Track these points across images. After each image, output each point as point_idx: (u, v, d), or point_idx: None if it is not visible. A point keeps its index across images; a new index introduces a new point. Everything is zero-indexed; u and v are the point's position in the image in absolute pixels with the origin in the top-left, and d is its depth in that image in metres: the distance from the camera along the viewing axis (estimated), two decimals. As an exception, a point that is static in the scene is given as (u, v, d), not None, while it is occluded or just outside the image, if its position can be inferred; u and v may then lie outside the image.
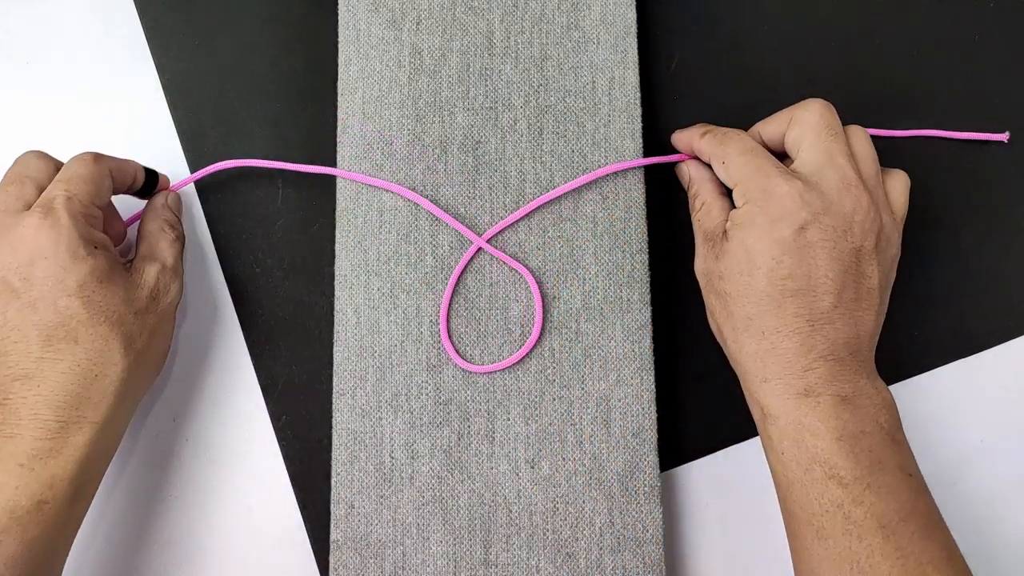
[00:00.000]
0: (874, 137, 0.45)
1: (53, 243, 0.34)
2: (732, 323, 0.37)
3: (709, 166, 0.40)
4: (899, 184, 0.39)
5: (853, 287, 0.36)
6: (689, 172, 0.42)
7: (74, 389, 0.34)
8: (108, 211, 0.40)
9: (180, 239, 0.41)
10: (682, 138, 0.42)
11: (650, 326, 0.42)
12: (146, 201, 0.42)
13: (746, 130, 0.41)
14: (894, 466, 0.35)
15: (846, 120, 0.39)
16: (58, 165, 0.38)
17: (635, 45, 0.44)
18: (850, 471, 0.34)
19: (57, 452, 0.34)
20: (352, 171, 0.42)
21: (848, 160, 0.37)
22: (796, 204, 0.35)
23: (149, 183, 0.41)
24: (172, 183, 0.44)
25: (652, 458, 0.41)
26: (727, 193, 0.40)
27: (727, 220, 0.38)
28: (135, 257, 0.39)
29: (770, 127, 0.39)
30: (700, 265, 0.40)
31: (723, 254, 0.37)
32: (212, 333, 0.44)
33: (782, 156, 0.39)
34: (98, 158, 0.38)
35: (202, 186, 0.45)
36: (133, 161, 0.40)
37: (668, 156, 0.43)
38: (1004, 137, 0.46)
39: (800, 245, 0.35)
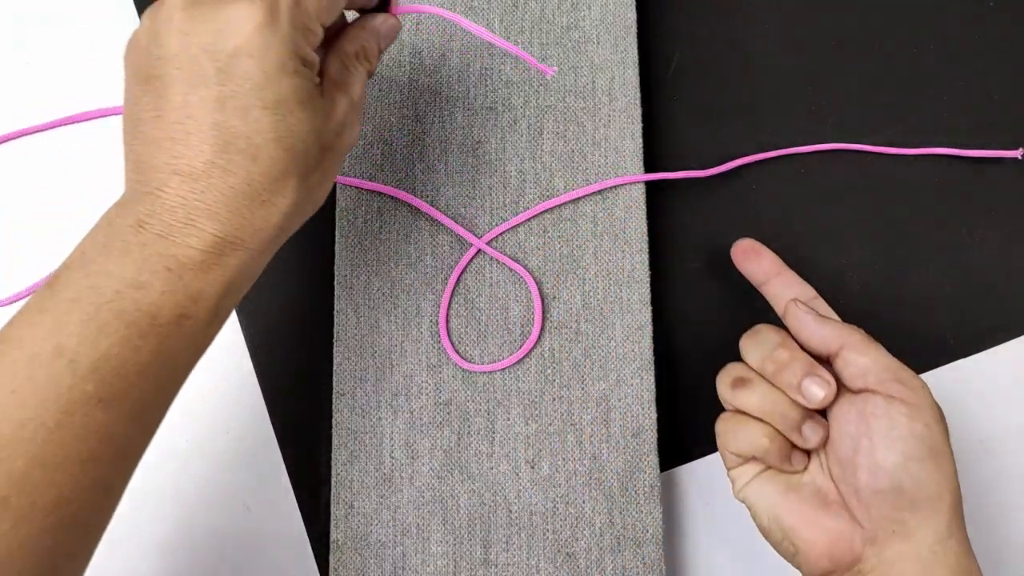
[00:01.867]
0: (885, 155, 0.45)
1: (262, 45, 0.29)
2: None
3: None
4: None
5: None
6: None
7: (239, 210, 0.30)
8: (332, 30, 0.35)
9: (370, 74, 0.36)
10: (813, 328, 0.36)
11: (650, 326, 0.42)
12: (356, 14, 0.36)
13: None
14: None
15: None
16: None
17: (635, 45, 0.44)
18: None
19: (208, 268, 0.30)
20: (352, 171, 0.42)
21: None
22: None
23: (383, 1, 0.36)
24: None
25: (652, 458, 0.41)
26: None
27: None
28: (323, 80, 0.33)
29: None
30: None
31: None
32: (212, 333, 0.44)
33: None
34: None
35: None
36: None
37: (677, 173, 0.43)
38: (1018, 153, 0.46)
39: None
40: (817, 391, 0.35)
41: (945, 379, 0.45)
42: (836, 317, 0.38)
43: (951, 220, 0.46)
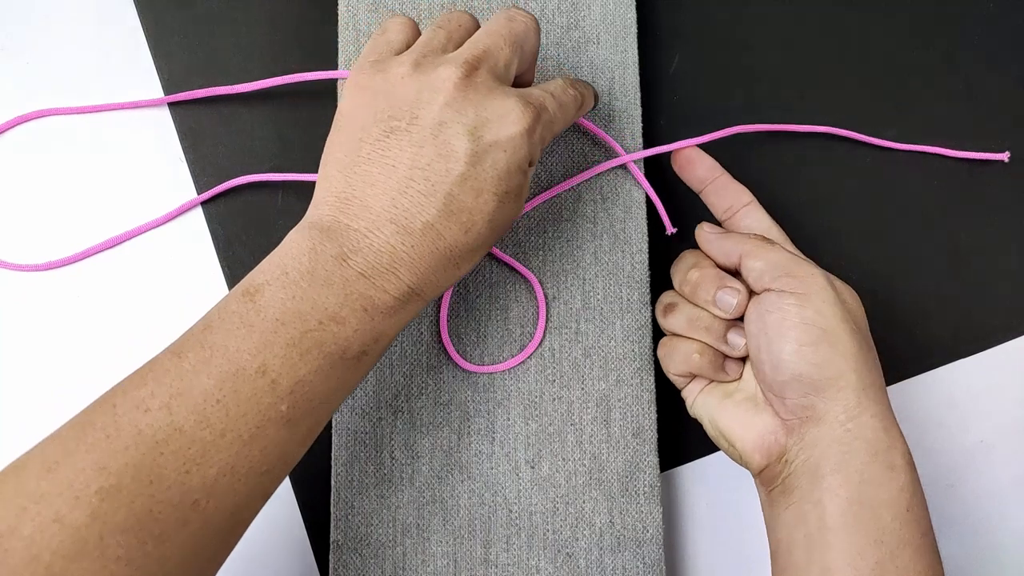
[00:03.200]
0: (885, 156, 0.46)
1: (518, 146, 0.33)
2: None
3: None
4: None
5: None
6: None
7: (435, 269, 0.33)
8: None
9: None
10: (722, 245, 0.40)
11: (650, 326, 0.42)
12: None
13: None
14: None
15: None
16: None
17: (635, 45, 0.44)
18: None
19: (394, 313, 0.32)
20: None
21: None
22: None
23: None
24: (174, 190, 0.44)
25: (652, 458, 0.41)
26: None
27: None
28: None
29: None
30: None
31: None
32: (212, 333, 0.44)
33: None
34: (587, 99, 0.38)
35: (201, 187, 0.45)
36: (592, 94, 0.40)
37: (664, 146, 0.43)
38: (1004, 157, 0.46)
39: None
40: (729, 300, 0.38)
41: (945, 379, 0.45)
42: (767, 223, 0.41)
43: (951, 220, 0.46)
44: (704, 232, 0.40)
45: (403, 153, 0.32)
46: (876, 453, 0.34)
